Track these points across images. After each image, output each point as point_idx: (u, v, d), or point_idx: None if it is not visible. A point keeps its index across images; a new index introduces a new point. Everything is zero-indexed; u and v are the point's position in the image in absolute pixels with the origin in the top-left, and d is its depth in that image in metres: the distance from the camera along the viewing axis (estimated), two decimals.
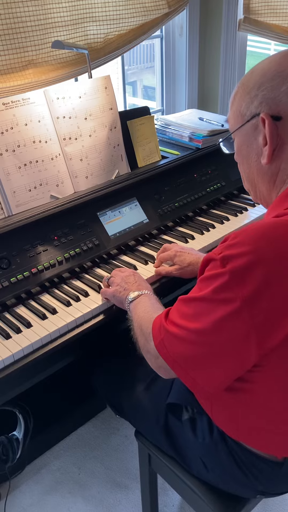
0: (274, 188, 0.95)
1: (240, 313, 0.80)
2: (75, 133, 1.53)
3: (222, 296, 0.81)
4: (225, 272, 0.80)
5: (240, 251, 0.79)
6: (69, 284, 1.38)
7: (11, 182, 1.40)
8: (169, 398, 1.19)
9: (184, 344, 0.87)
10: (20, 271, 1.32)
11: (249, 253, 0.79)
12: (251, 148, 0.94)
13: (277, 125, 0.88)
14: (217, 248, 0.85)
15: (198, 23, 2.30)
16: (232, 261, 0.80)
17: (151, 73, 3.16)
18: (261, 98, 0.89)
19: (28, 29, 1.57)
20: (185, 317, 0.88)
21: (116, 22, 1.84)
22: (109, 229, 1.52)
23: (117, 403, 1.36)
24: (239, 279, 0.79)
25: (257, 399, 0.95)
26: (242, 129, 0.94)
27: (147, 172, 1.66)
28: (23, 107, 1.41)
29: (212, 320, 0.83)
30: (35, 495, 1.71)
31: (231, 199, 1.86)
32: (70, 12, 1.67)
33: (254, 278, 0.78)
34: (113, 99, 1.60)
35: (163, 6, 1.97)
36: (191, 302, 0.88)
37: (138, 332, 1.06)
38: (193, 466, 1.17)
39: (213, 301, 0.83)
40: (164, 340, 0.91)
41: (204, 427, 1.12)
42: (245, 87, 0.92)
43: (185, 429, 1.15)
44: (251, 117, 0.91)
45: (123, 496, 1.70)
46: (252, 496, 1.14)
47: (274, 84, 0.87)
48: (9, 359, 1.12)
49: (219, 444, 1.09)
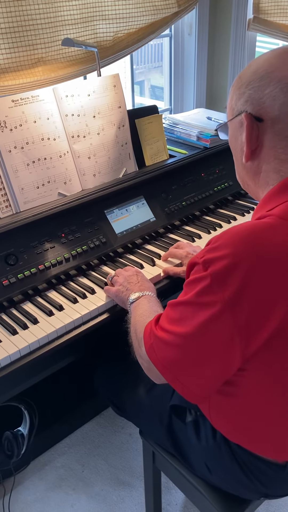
0: (259, 186, 0.94)
1: (223, 316, 0.80)
2: (84, 131, 1.53)
3: (205, 299, 0.82)
4: (207, 275, 0.81)
5: (221, 254, 0.80)
6: (76, 281, 1.38)
7: (19, 179, 1.41)
8: (173, 400, 1.19)
9: (171, 349, 0.88)
10: (27, 268, 1.33)
11: (229, 256, 0.79)
12: (237, 142, 0.95)
13: (258, 126, 0.88)
14: (200, 251, 0.86)
15: (208, 22, 2.30)
16: (213, 264, 0.80)
17: (159, 73, 3.16)
18: (247, 96, 0.88)
19: (38, 27, 1.58)
20: (171, 321, 0.89)
21: (126, 20, 1.84)
22: (116, 227, 1.53)
23: (119, 404, 1.36)
24: (220, 282, 0.79)
25: (242, 403, 0.95)
26: (232, 122, 0.94)
27: (154, 171, 1.67)
28: (32, 105, 1.42)
29: (196, 324, 0.83)
30: (39, 491, 1.71)
31: (238, 199, 1.86)
32: (80, 10, 1.68)
33: (234, 280, 0.78)
34: (121, 98, 1.61)
35: (172, 5, 1.97)
36: (177, 307, 0.89)
37: (133, 336, 1.06)
38: (197, 468, 1.16)
39: (196, 305, 0.83)
40: (153, 345, 0.92)
41: (207, 430, 1.11)
42: (239, 80, 0.91)
43: (188, 431, 1.15)
44: (238, 113, 0.91)
45: (126, 494, 1.70)
46: (256, 498, 1.13)
47: (261, 84, 0.86)
48: (16, 355, 1.13)
49: (222, 447, 1.08)
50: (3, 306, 1.28)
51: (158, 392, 1.25)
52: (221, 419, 1.04)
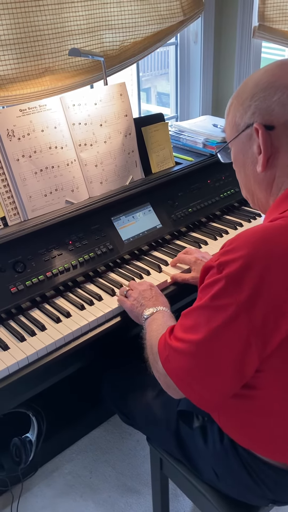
0: (271, 196, 0.96)
1: (239, 318, 0.80)
2: (91, 140, 1.55)
3: (220, 302, 0.82)
4: (221, 278, 0.81)
5: (235, 256, 0.81)
6: (83, 288, 1.39)
7: (27, 187, 1.42)
8: (180, 405, 1.19)
9: (186, 357, 0.87)
10: (35, 275, 1.34)
11: (243, 258, 0.80)
12: (246, 156, 0.96)
13: (271, 134, 0.90)
14: (214, 255, 0.87)
15: (213, 30, 2.32)
16: (228, 267, 0.81)
17: (165, 80, 3.18)
18: (254, 108, 0.90)
19: (45, 37, 1.60)
20: (186, 330, 0.89)
21: (132, 30, 1.86)
22: (123, 234, 1.54)
23: (127, 411, 1.36)
24: (235, 284, 0.80)
25: (260, 405, 0.94)
26: (238, 139, 0.95)
27: (161, 178, 1.68)
28: (40, 114, 1.43)
29: (212, 328, 0.83)
30: (47, 498, 1.71)
31: (244, 205, 1.87)
32: (86, 21, 1.70)
33: (249, 282, 0.79)
34: (128, 106, 1.62)
35: (178, 14, 1.99)
36: (191, 313, 0.89)
37: (149, 352, 1.06)
38: (205, 474, 1.16)
39: (211, 308, 0.84)
40: (168, 356, 0.92)
41: (215, 435, 1.11)
42: (239, 98, 0.94)
43: (196, 437, 1.15)
44: (245, 127, 0.93)
45: (134, 501, 1.70)
46: (264, 504, 1.13)
47: (266, 94, 0.88)
48: (24, 362, 1.14)
49: (230, 452, 1.08)
50: (11, 313, 1.30)
51: (165, 398, 1.25)
52: (230, 421, 1.04)
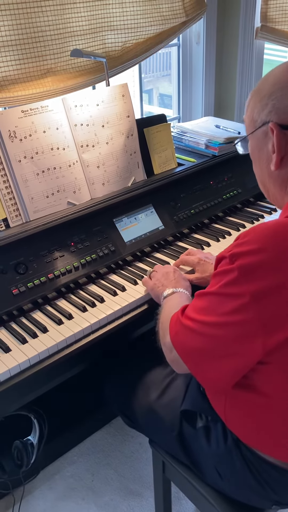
0: (285, 193, 0.96)
1: (248, 308, 0.83)
2: (92, 141, 1.54)
3: (231, 290, 0.85)
4: (234, 268, 0.84)
5: (249, 249, 0.83)
6: (85, 289, 1.39)
7: (29, 189, 1.42)
8: (183, 405, 1.19)
9: (196, 337, 0.91)
10: (37, 276, 1.33)
11: (258, 252, 0.82)
12: (262, 153, 0.96)
13: (286, 134, 0.90)
14: (228, 247, 0.89)
15: (215, 31, 2.31)
16: (241, 258, 0.83)
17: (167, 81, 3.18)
18: (271, 107, 0.91)
19: (47, 38, 1.60)
20: (198, 311, 0.92)
21: (134, 30, 1.86)
22: (125, 235, 1.53)
23: (129, 413, 1.36)
24: (247, 275, 0.82)
25: (265, 401, 0.96)
26: (254, 134, 0.96)
27: (163, 179, 1.67)
28: (42, 115, 1.43)
29: (221, 313, 0.87)
30: (49, 501, 1.71)
31: (247, 206, 1.86)
32: (88, 21, 1.70)
33: (261, 275, 0.82)
34: (130, 107, 1.62)
35: (180, 15, 1.98)
36: (204, 296, 0.93)
37: (160, 326, 1.11)
38: (208, 475, 1.16)
39: (223, 295, 0.87)
40: (178, 332, 0.96)
41: (218, 435, 1.11)
42: (258, 93, 0.94)
43: (199, 437, 1.15)
44: (261, 124, 0.93)
45: (136, 504, 1.69)
46: (268, 506, 1.12)
47: (284, 93, 0.89)
48: (25, 364, 1.13)
49: (233, 452, 1.08)
50: (13, 315, 1.29)
51: (168, 399, 1.25)
52: (237, 417, 1.04)
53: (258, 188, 1.06)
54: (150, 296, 1.34)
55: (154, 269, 1.37)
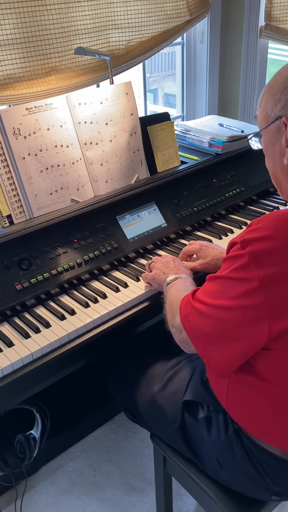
0: None
1: (256, 293, 0.85)
2: (96, 138, 1.55)
3: (241, 275, 0.87)
4: (244, 254, 0.86)
5: (260, 235, 0.85)
6: (88, 286, 1.40)
7: (33, 186, 1.43)
8: (186, 396, 1.21)
9: (205, 319, 0.94)
10: (40, 272, 1.34)
11: (268, 238, 0.84)
12: (275, 147, 0.97)
13: None
14: (240, 233, 0.91)
15: (220, 30, 2.32)
16: (252, 244, 0.85)
17: (172, 81, 3.19)
18: (284, 101, 0.91)
19: (52, 36, 1.61)
20: (208, 294, 0.95)
21: (138, 29, 1.87)
22: (128, 232, 1.54)
23: (132, 407, 1.37)
24: (257, 261, 0.84)
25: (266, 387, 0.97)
26: (268, 129, 0.97)
27: (166, 177, 1.68)
28: (46, 112, 1.44)
29: (230, 297, 0.89)
30: (51, 496, 1.72)
31: (250, 205, 1.86)
32: (93, 20, 1.71)
33: (271, 262, 0.84)
34: (133, 105, 1.63)
35: (184, 14, 1.99)
36: (215, 280, 0.95)
37: (167, 308, 1.14)
38: (208, 466, 1.17)
39: (233, 279, 0.89)
40: (188, 314, 0.98)
41: (219, 425, 1.13)
42: (271, 89, 0.95)
43: (200, 427, 1.17)
44: (275, 119, 0.94)
45: (138, 499, 1.70)
46: (267, 497, 1.13)
47: None
48: (28, 358, 1.14)
49: (234, 441, 1.10)
50: (16, 310, 1.30)
51: (171, 391, 1.26)
52: (239, 404, 1.06)
53: (261, 186, 1.07)
54: (152, 292, 1.35)
55: (153, 260, 1.38)
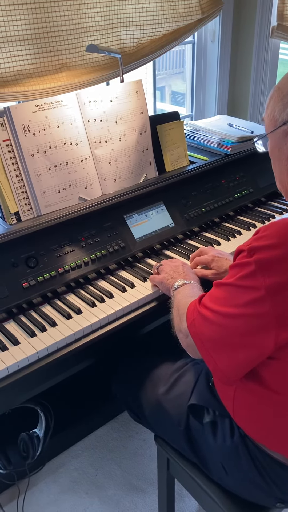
0: None
1: (262, 302, 0.84)
2: (105, 136, 1.54)
3: (248, 283, 0.87)
4: (251, 262, 0.85)
5: (267, 244, 0.84)
6: (94, 285, 1.39)
7: (41, 183, 1.42)
8: (191, 400, 1.20)
9: (210, 325, 0.94)
10: (47, 271, 1.34)
11: (276, 247, 0.84)
12: (281, 152, 0.96)
13: None
14: (248, 240, 0.90)
15: (231, 29, 2.30)
16: (259, 252, 0.85)
17: (180, 79, 3.17)
18: None
19: (63, 33, 1.60)
20: (215, 300, 0.95)
21: (150, 27, 1.85)
22: (135, 232, 1.53)
23: (137, 408, 1.36)
24: (264, 270, 0.84)
25: (272, 396, 0.97)
26: (275, 132, 0.96)
27: (174, 177, 1.67)
28: (56, 109, 1.43)
29: (237, 305, 0.89)
30: (53, 494, 1.72)
31: (258, 206, 1.85)
32: (104, 17, 1.70)
33: (278, 270, 0.83)
34: (144, 104, 1.62)
35: (196, 12, 1.98)
36: (221, 287, 0.95)
37: (175, 313, 1.13)
38: (213, 471, 1.16)
39: (239, 288, 0.89)
40: (195, 320, 0.98)
41: (225, 430, 1.12)
42: (279, 92, 0.94)
43: (206, 432, 1.16)
44: (282, 123, 0.93)
45: (139, 500, 1.70)
46: (271, 504, 1.12)
47: None
48: (34, 357, 1.14)
49: (240, 447, 1.09)
50: (23, 308, 1.30)
51: (176, 394, 1.25)
52: (245, 411, 1.05)
53: (269, 188, 1.06)
54: (159, 293, 1.34)
55: (161, 263, 1.38)
